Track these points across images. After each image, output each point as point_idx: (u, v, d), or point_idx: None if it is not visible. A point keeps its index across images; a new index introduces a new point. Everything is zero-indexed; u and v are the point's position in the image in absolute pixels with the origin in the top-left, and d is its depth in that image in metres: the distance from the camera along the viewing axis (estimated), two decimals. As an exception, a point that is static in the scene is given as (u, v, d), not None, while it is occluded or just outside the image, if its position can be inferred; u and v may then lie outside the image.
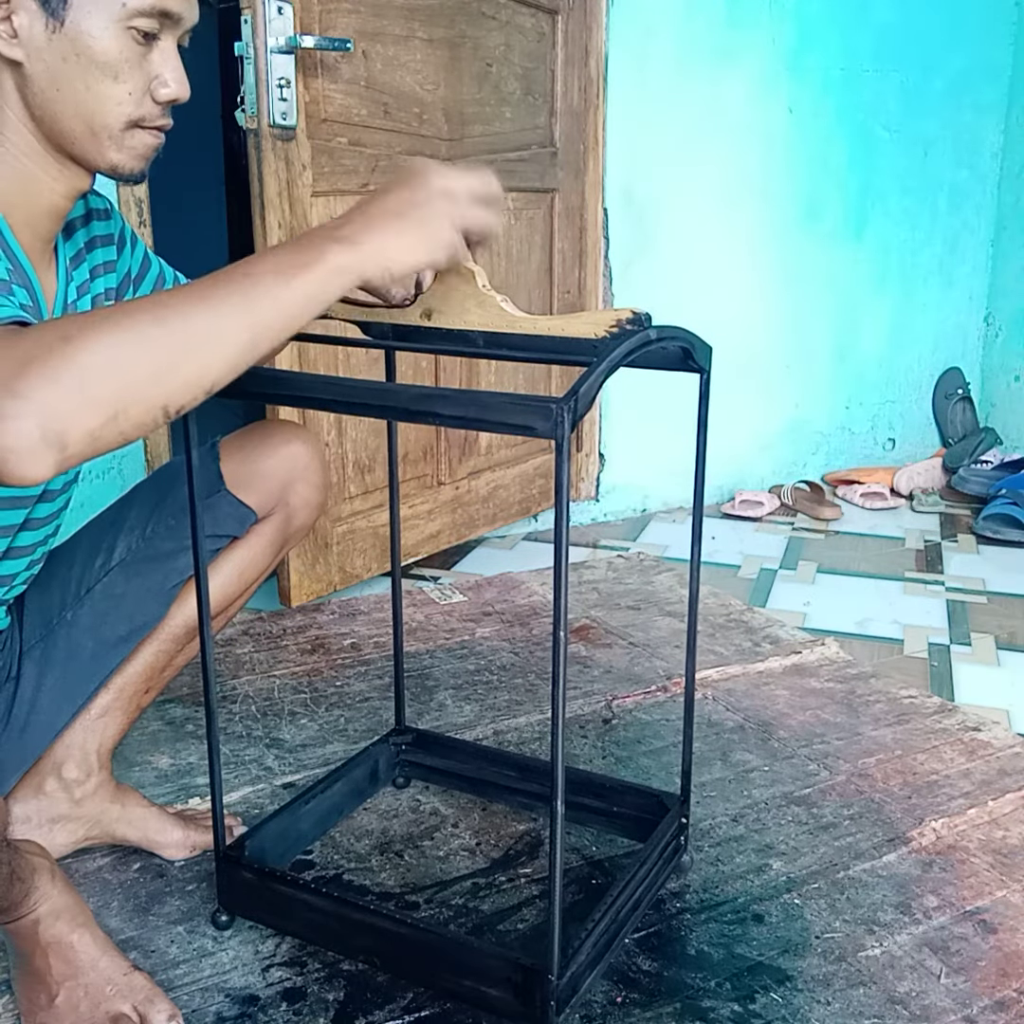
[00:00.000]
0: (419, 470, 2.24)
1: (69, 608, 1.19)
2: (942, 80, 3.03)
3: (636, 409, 2.70)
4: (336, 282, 0.83)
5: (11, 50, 0.92)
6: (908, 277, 3.14)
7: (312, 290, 0.81)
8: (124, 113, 0.95)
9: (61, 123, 0.95)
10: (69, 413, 0.71)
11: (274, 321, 0.80)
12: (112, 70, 0.93)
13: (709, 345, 1.09)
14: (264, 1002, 1.08)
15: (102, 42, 0.92)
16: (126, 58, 0.93)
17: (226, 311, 0.78)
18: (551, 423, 0.85)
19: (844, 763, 1.55)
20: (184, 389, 0.76)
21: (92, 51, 0.92)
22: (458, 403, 0.91)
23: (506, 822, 1.40)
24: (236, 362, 0.79)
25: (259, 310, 0.79)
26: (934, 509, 2.91)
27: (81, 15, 0.91)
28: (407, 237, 0.87)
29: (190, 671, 1.52)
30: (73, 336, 0.72)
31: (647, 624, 2.05)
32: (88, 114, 0.94)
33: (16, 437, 0.69)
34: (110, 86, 0.94)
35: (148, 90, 0.96)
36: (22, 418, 0.69)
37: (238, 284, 0.79)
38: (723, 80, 2.67)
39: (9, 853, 0.94)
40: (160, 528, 1.22)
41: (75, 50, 0.92)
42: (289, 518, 1.30)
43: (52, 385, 0.70)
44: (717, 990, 1.11)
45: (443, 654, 1.90)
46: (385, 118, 1.99)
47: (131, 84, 0.94)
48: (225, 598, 1.27)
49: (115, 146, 0.96)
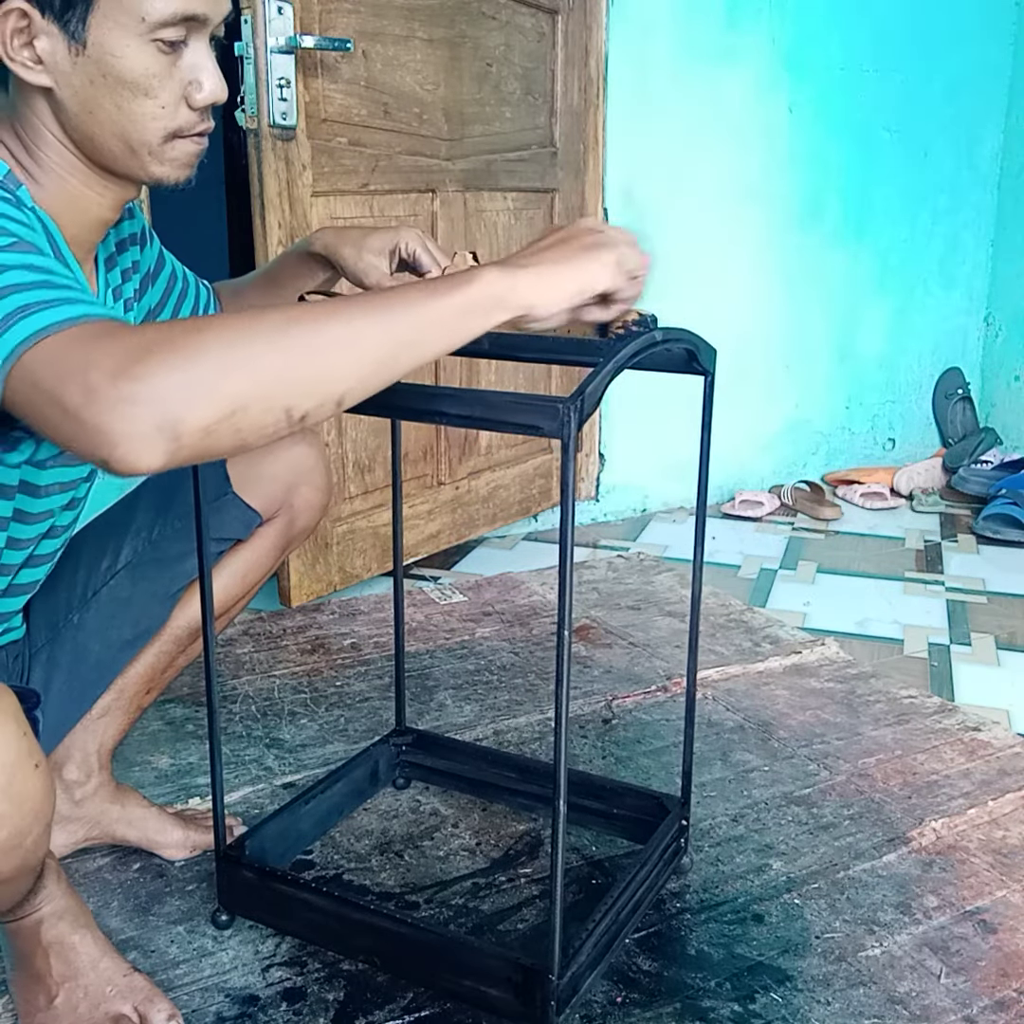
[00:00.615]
0: (419, 470, 2.24)
1: (75, 611, 1.19)
2: (942, 80, 3.03)
3: (636, 409, 2.70)
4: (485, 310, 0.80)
5: (37, 77, 0.89)
6: (908, 277, 3.14)
7: (458, 309, 0.79)
8: (160, 128, 0.92)
9: (99, 144, 0.92)
10: (186, 403, 0.68)
11: (414, 336, 0.77)
12: (142, 87, 0.90)
13: (714, 348, 1.09)
14: (264, 1002, 1.08)
15: (127, 60, 0.88)
16: (154, 72, 0.90)
17: (363, 318, 0.76)
18: (558, 423, 0.85)
19: (844, 763, 1.55)
20: (309, 393, 0.74)
21: (118, 70, 0.89)
22: (464, 402, 0.91)
23: (506, 822, 1.40)
24: (369, 374, 0.76)
25: (398, 322, 0.77)
26: (934, 509, 2.91)
27: (102, 35, 0.87)
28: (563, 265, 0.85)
29: (190, 671, 1.52)
30: (202, 328, 0.71)
31: (647, 624, 2.05)
32: (124, 133, 0.91)
33: (131, 422, 0.67)
34: (142, 103, 0.90)
35: (183, 97, 0.92)
36: (139, 403, 0.67)
37: (382, 297, 0.77)
38: (723, 80, 2.67)
39: None
40: (167, 531, 1.21)
41: (101, 71, 0.89)
42: (292, 520, 1.30)
43: (171, 373, 0.68)
44: (717, 990, 1.11)
45: (443, 654, 1.90)
46: (385, 118, 1.99)
47: (164, 97, 0.91)
48: (227, 600, 1.27)
49: (156, 160, 0.94)
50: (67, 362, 0.70)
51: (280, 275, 1.24)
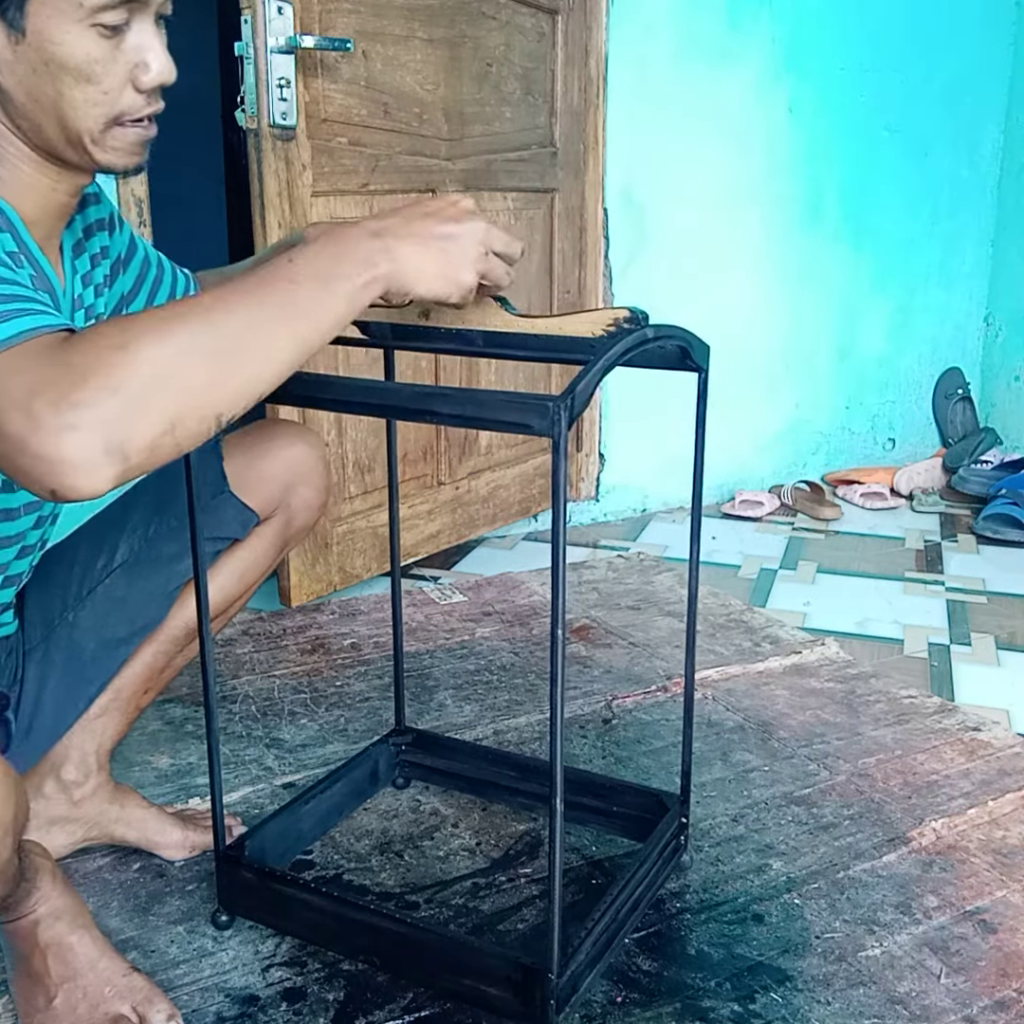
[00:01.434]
0: (419, 470, 2.24)
1: (70, 609, 1.19)
2: (942, 80, 3.03)
3: (636, 409, 2.70)
4: (370, 290, 0.85)
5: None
6: (908, 277, 3.15)
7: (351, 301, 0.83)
8: (100, 114, 0.90)
9: (43, 133, 0.91)
10: (131, 424, 0.70)
11: (317, 328, 0.81)
12: (84, 73, 0.88)
13: (707, 344, 1.09)
14: (264, 1002, 1.08)
15: (67, 47, 0.86)
16: (96, 58, 0.87)
17: (274, 319, 0.78)
18: (548, 421, 0.85)
19: (844, 763, 1.55)
20: (237, 397, 0.76)
21: (59, 58, 0.86)
22: (455, 402, 0.91)
23: (506, 822, 1.40)
24: (284, 369, 0.79)
25: (304, 317, 0.80)
26: (934, 509, 2.91)
27: (41, 23, 0.85)
28: (433, 267, 0.89)
29: (190, 671, 1.52)
30: (129, 345, 0.71)
31: (647, 624, 2.05)
32: (64, 120, 0.90)
33: (78, 449, 0.68)
34: (84, 89, 0.88)
35: (129, 80, 0.90)
36: (84, 429, 0.68)
37: (285, 292, 0.79)
38: (723, 80, 2.67)
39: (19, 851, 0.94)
40: (163, 529, 1.21)
41: (42, 59, 0.87)
42: (290, 520, 1.30)
43: (113, 396, 0.69)
44: (717, 990, 1.11)
45: (443, 654, 1.90)
46: (385, 118, 1.99)
47: (107, 82, 0.89)
48: (225, 600, 1.27)
49: (99, 148, 0.92)
50: (7, 389, 0.70)
51: None
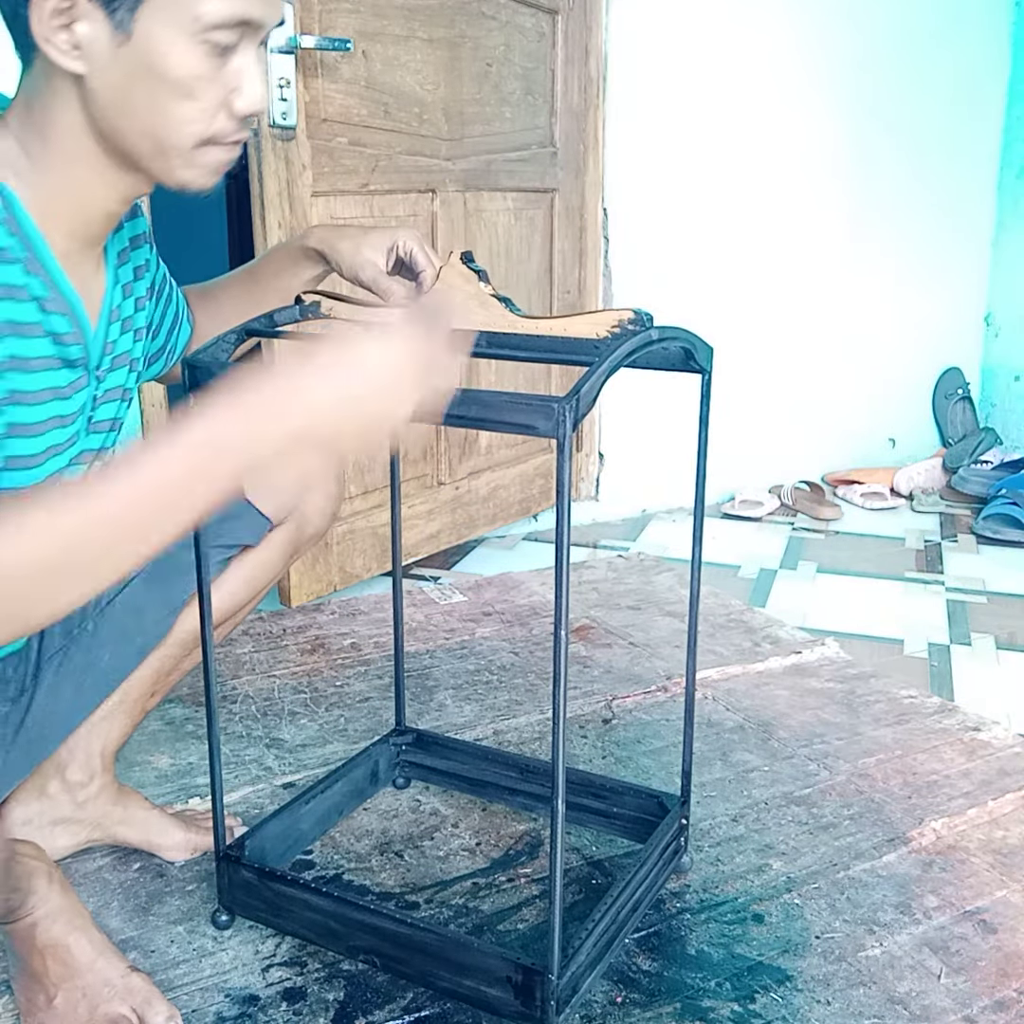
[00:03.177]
0: (419, 470, 2.24)
1: (89, 619, 1.17)
2: (942, 80, 3.03)
3: (636, 409, 2.70)
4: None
5: (71, 62, 0.83)
6: (908, 277, 3.15)
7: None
8: (195, 132, 0.86)
9: (127, 140, 0.87)
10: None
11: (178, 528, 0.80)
12: (184, 88, 0.84)
13: (710, 346, 1.09)
14: (264, 1002, 1.08)
15: (173, 58, 0.82)
16: (199, 74, 0.84)
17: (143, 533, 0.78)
18: (553, 422, 0.85)
19: (844, 763, 1.55)
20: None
21: (161, 67, 0.83)
22: (460, 402, 0.91)
23: (506, 822, 1.40)
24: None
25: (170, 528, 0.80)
26: (934, 509, 2.92)
27: (151, 28, 0.81)
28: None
29: (190, 671, 1.52)
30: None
31: (647, 624, 2.05)
32: (156, 133, 0.86)
33: None
34: (180, 104, 0.85)
35: (224, 104, 0.87)
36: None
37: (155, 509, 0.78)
38: (723, 79, 2.67)
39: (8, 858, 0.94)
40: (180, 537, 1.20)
41: (142, 65, 0.83)
42: (302, 527, 1.29)
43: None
44: (717, 990, 1.11)
45: (443, 654, 1.90)
46: (385, 118, 1.99)
47: (204, 101, 0.85)
48: (234, 606, 1.27)
49: (185, 164, 0.88)
50: None
51: (263, 271, 1.21)
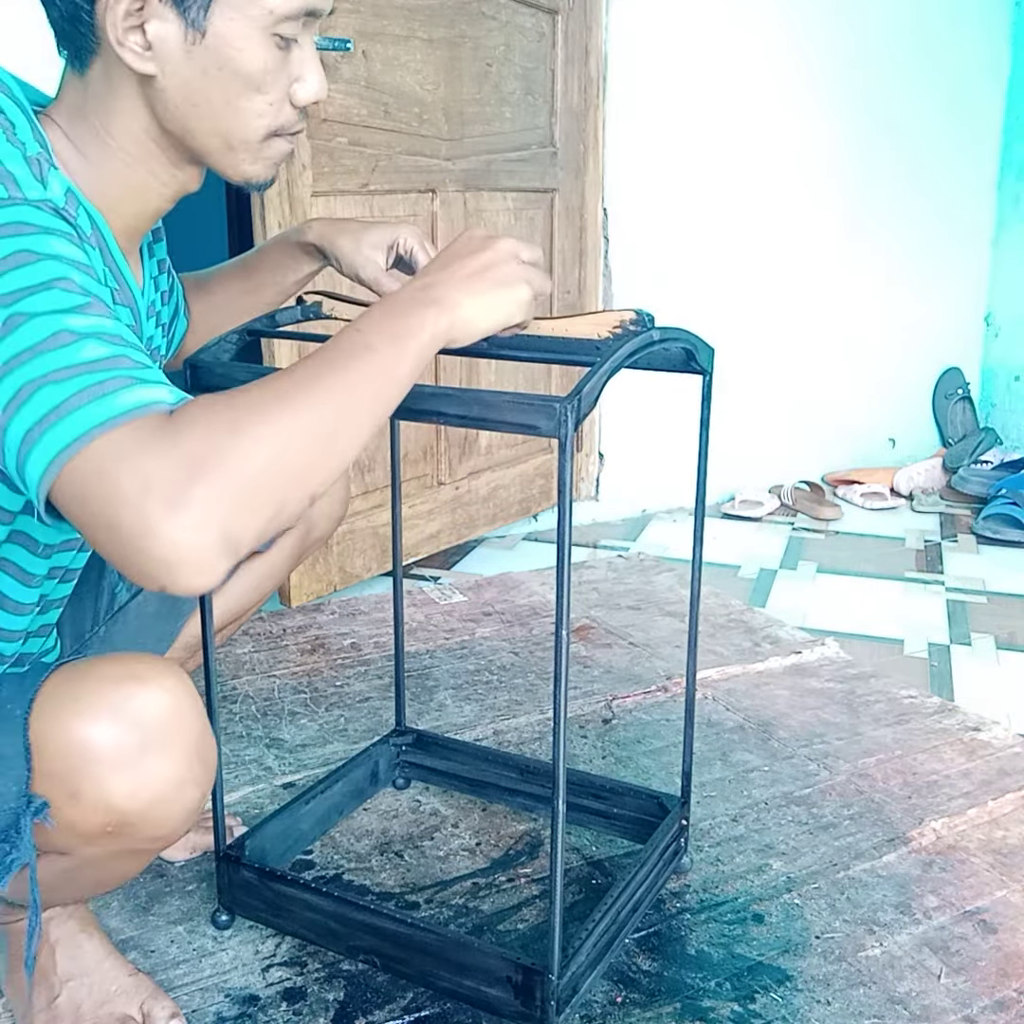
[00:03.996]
0: (419, 470, 2.24)
1: (102, 623, 1.17)
2: (942, 80, 3.03)
3: (636, 409, 2.70)
4: (435, 345, 0.83)
5: (143, 64, 0.83)
6: (908, 277, 3.15)
7: (419, 357, 0.81)
8: (263, 125, 0.88)
9: (195, 139, 0.88)
10: (244, 518, 0.68)
11: (399, 390, 0.80)
12: (255, 82, 0.85)
13: (711, 347, 1.09)
14: (264, 1002, 1.08)
15: (247, 53, 0.84)
16: (270, 68, 0.86)
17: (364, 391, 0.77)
18: (555, 422, 0.85)
19: (844, 763, 1.55)
20: (331, 474, 0.75)
21: (236, 63, 0.84)
22: (462, 402, 0.91)
23: (506, 822, 1.40)
24: (370, 437, 0.78)
25: (387, 383, 0.78)
26: (934, 509, 2.92)
27: (224, 25, 0.82)
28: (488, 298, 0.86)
29: (191, 672, 1.52)
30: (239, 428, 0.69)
31: (647, 624, 2.05)
32: (226, 130, 0.87)
33: (193, 551, 0.66)
34: (251, 99, 0.86)
35: (288, 95, 0.89)
36: (200, 530, 0.66)
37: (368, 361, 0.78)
38: (723, 79, 2.67)
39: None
40: None
41: (217, 63, 0.84)
42: (309, 531, 1.29)
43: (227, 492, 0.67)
44: (717, 990, 1.11)
45: (443, 654, 1.90)
46: (385, 118, 1.99)
47: (273, 94, 0.87)
48: (240, 609, 1.27)
49: (252, 158, 0.90)
50: (116, 481, 0.66)
51: (258, 266, 1.20)
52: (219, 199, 4.39)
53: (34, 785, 0.79)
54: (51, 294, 0.71)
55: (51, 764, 0.79)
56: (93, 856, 0.87)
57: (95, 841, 0.82)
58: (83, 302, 0.72)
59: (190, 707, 0.82)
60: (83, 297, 0.73)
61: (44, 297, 0.71)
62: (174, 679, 0.82)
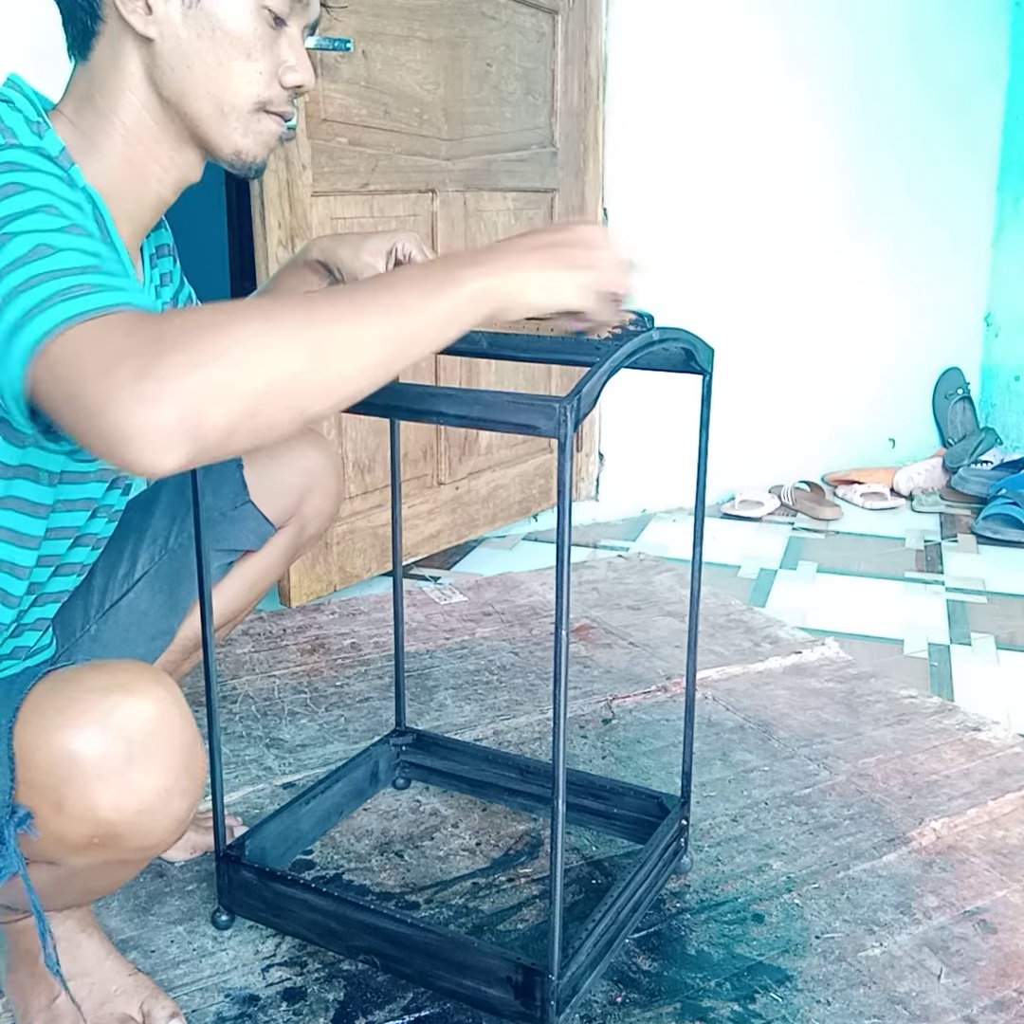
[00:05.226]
0: (419, 470, 2.24)
1: (93, 621, 1.17)
2: (941, 81, 3.03)
3: (636, 409, 2.70)
4: (474, 307, 0.80)
5: (146, 27, 0.90)
6: (908, 277, 3.15)
7: (452, 310, 0.79)
8: (254, 93, 0.94)
9: (190, 103, 0.94)
10: (210, 402, 0.66)
11: (413, 336, 0.77)
12: (246, 48, 0.93)
13: (711, 347, 1.09)
14: (264, 1002, 1.08)
15: (238, 19, 0.92)
16: (259, 36, 0.93)
17: (369, 321, 0.76)
18: (554, 422, 0.85)
19: (844, 763, 1.55)
20: (323, 394, 0.73)
21: (228, 27, 0.91)
22: (462, 402, 0.91)
23: (506, 822, 1.40)
24: (374, 374, 0.76)
25: (400, 324, 0.77)
26: (934, 509, 2.92)
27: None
28: (546, 274, 0.84)
29: (190, 672, 1.52)
30: (221, 324, 0.68)
31: (647, 624, 2.05)
32: (218, 92, 0.93)
33: (154, 423, 0.64)
34: (242, 64, 0.93)
35: (276, 74, 0.95)
36: (162, 403, 0.64)
37: (382, 296, 0.77)
38: (723, 79, 2.67)
39: None
40: (183, 538, 1.20)
41: (211, 26, 0.91)
42: (303, 528, 1.29)
43: (196, 371, 0.65)
44: (717, 990, 1.11)
45: (443, 654, 1.90)
46: (385, 118, 1.99)
47: (262, 64, 0.94)
48: (235, 609, 1.27)
49: (242, 129, 0.95)
50: (90, 358, 0.67)
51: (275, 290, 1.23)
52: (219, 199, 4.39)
53: (19, 795, 0.79)
54: (36, 217, 0.75)
55: (36, 774, 0.78)
56: (82, 865, 0.87)
57: (82, 852, 0.82)
58: (65, 223, 0.76)
59: (177, 717, 0.82)
60: (66, 220, 0.76)
61: (29, 219, 0.75)
62: (161, 689, 0.82)
